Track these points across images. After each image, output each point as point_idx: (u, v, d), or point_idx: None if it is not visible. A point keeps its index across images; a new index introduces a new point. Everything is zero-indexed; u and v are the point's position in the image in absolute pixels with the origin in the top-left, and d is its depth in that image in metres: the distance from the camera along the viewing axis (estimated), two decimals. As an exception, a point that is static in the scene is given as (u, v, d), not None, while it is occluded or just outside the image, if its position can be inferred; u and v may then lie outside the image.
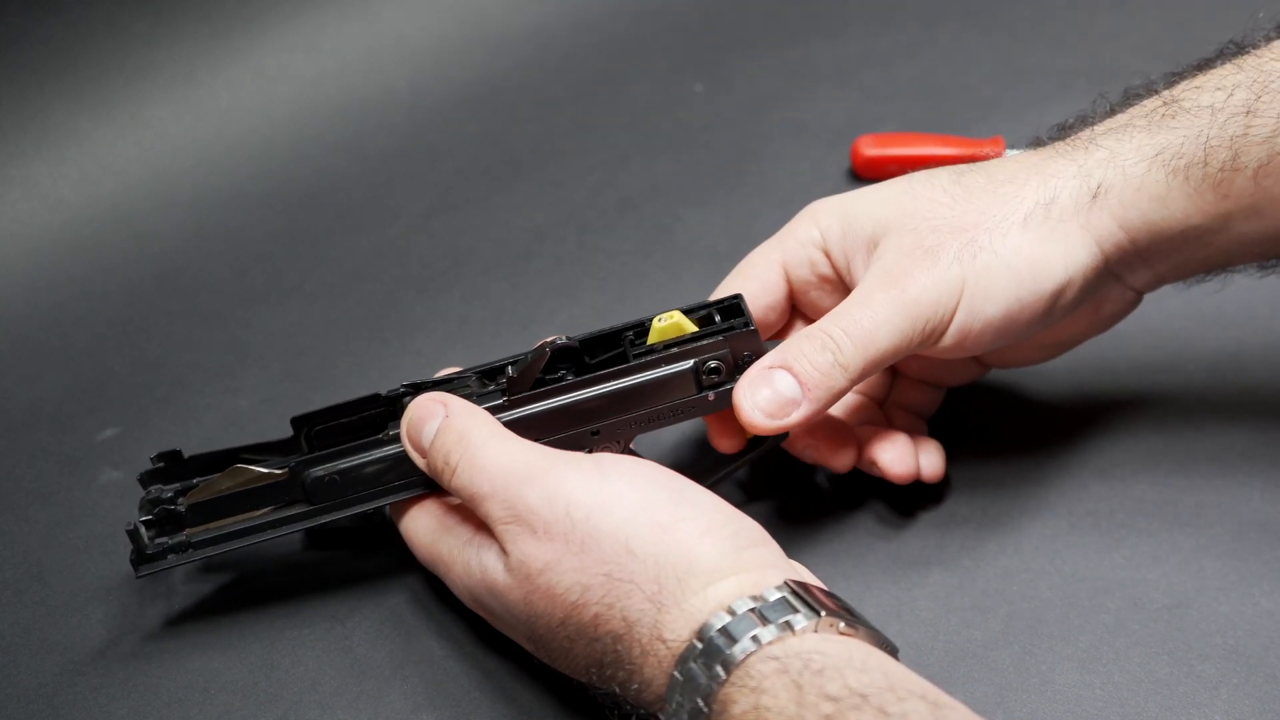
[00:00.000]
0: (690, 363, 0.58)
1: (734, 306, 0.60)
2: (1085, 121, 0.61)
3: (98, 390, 0.77)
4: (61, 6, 0.92)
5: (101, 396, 0.76)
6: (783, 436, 0.62)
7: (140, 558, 0.59)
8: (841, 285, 0.62)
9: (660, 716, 0.49)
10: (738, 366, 0.59)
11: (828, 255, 0.62)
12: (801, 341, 0.58)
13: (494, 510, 0.54)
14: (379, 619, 0.62)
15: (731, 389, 0.58)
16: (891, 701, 0.45)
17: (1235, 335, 0.71)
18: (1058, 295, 0.58)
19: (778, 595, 0.49)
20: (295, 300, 0.82)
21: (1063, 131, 0.62)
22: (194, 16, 0.96)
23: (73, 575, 0.66)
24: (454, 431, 0.56)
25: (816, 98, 0.93)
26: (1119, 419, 0.67)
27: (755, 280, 0.63)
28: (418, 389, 0.60)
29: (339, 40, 0.99)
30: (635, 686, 0.50)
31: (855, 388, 0.59)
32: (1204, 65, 0.60)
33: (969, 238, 0.58)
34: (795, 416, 0.57)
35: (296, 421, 0.62)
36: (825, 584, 0.53)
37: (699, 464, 0.63)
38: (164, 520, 0.60)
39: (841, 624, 0.49)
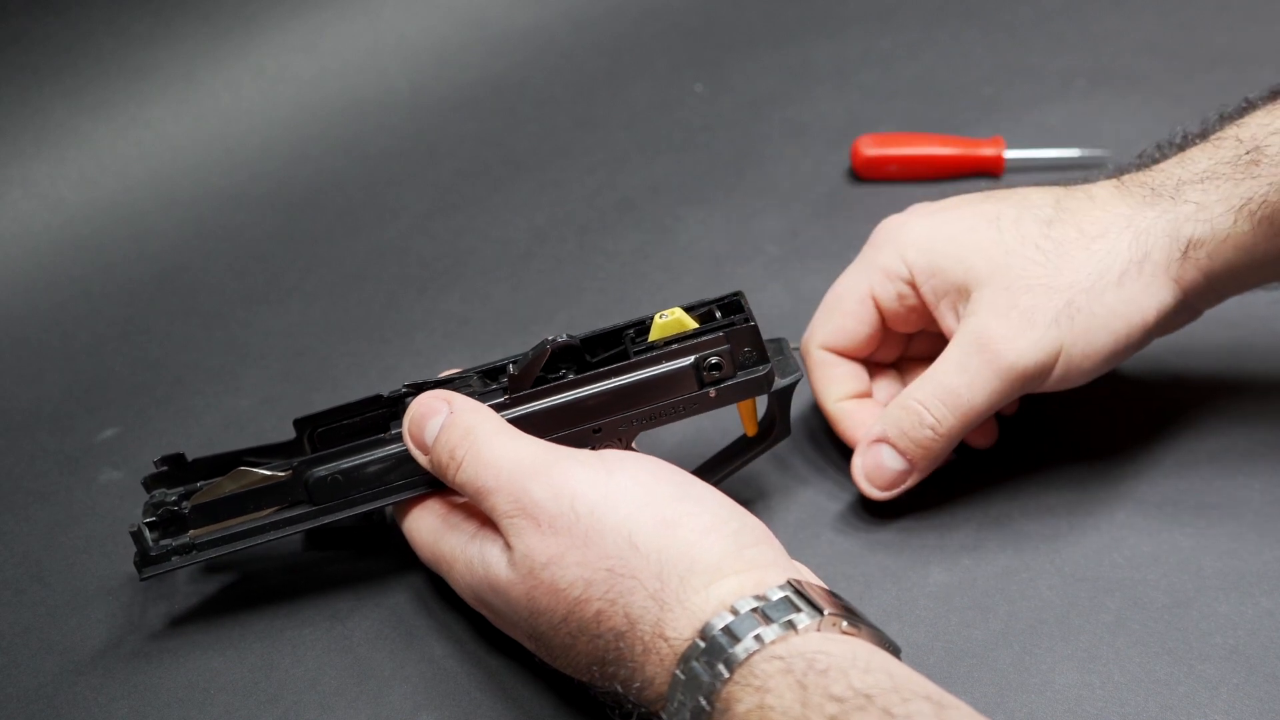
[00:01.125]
0: (691, 359, 0.58)
1: (735, 303, 0.60)
2: (1164, 152, 0.63)
3: (98, 390, 0.77)
4: (61, 6, 0.92)
5: (101, 396, 0.76)
6: (785, 434, 0.62)
7: (144, 560, 0.59)
8: (927, 313, 0.64)
9: (662, 715, 0.49)
10: (739, 363, 0.59)
11: (915, 289, 0.63)
12: (899, 414, 0.61)
13: (499, 504, 0.54)
14: (379, 619, 0.62)
15: (733, 385, 0.59)
16: (896, 702, 0.45)
17: (1235, 335, 0.71)
18: (1146, 338, 0.61)
19: (780, 595, 0.49)
20: (295, 300, 0.82)
21: (1142, 162, 0.63)
22: (194, 16, 0.96)
23: (73, 575, 0.66)
24: (459, 427, 0.56)
25: (816, 98, 0.93)
26: (1118, 419, 0.68)
27: (850, 316, 0.65)
28: (420, 389, 0.60)
29: (339, 40, 0.99)
30: (637, 685, 0.50)
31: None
32: (1277, 94, 0.61)
33: (1066, 299, 0.59)
34: (908, 484, 0.62)
35: (299, 423, 0.62)
36: (826, 584, 0.53)
37: (700, 463, 0.63)
38: (168, 522, 0.60)
39: (844, 623, 0.49)
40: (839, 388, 0.66)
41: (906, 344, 0.68)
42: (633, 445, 0.60)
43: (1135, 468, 0.65)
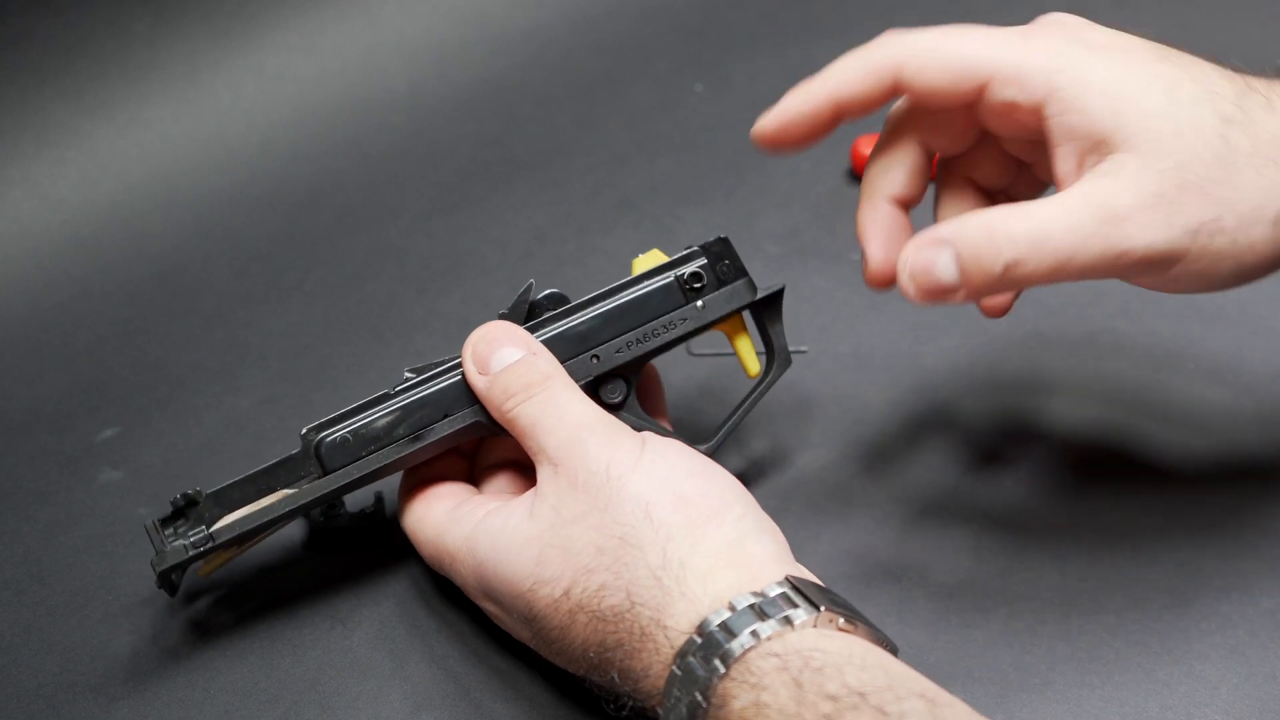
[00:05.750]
0: (672, 276, 0.61)
1: (719, 239, 0.62)
2: None
3: (98, 390, 0.77)
4: (61, 6, 0.92)
5: (101, 396, 0.76)
6: (787, 364, 0.63)
7: (173, 588, 0.59)
8: (1025, 142, 0.56)
9: (659, 710, 0.50)
10: (720, 277, 0.61)
11: (1039, 112, 0.53)
12: (980, 235, 0.51)
13: (551, 444, 0.55)
14: (379, 619, 0.62)
15: (718, 294, 0.61)
16: (890, 700, 0.45)
17: (1235, 335, 0.71)
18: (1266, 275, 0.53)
19: (778, 591, 0.49)
20: (295, 300, 0.82)
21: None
22: (194, 16, 0.96)
23: (73, 575, 0.66)
24: (539, 370, 0.57)
25: (816, 98, 0.93)
26: (1119, 419, 0.67)
27: (946, 70, 0.54)
28: (421, 373, 0.61)
29: (339, 40, 0.99)
30: (633, 673, 0.50)
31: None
32: None
33: (1215, 214, 0.50)
34: (947, 302, 0.52)
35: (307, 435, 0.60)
36: (825, 584, 0.53)
37: (702, 427, 0.64)
38: (180, 512, 0.59)
39: (841, 620, 0.49)
40: (890, 180, 0.58)
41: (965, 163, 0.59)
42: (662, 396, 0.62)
43: (1135, 467, 0.65)
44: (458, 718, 0.58)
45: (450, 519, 0.58)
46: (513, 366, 0.57)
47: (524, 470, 0.62)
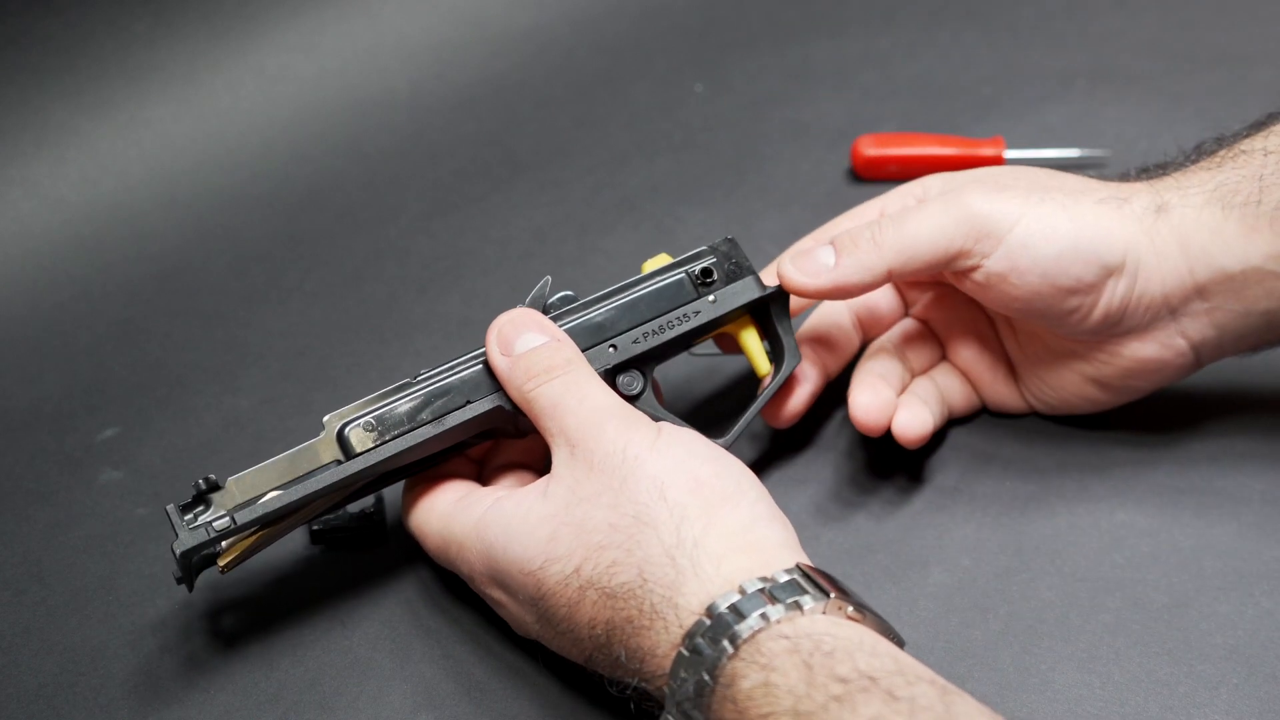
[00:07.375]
0: (684, 271, 0.63)
1: (727, 239, 0.64)
2: (1162, 167, 0.63)
3: (98, 390, 0.77)
4: (61, 6, 0.92)
5: (101, 396, 0.76)
6: (797, 359, 0.63)
7: (190, 573, 0.58)
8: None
9: (664, 689, 0.50)
10: (728, 274, 0.63)
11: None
12: (849, 225, 0.64)
13: (571, 425, 0.56)
14: (379, 619, 0.62)
15: (730, 289, 0.62)
16: (900, 685, 0.45)
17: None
18: (1108, 273, 0.59)
19: (788, 577, 0.50)
20: (295, 300, 0.82)
21: (1141, 173, 0.64)
22: (194, 16, 0.96)
23: (73, 575, 0.66)
24: (562, 355, 0.58)
25: (816, 98, 0.93)
26: (1118, 420, 0.67)
27: (854, 217, 0.67)
28: (435, 370, 0.61)
29: (339, 40, 0.99)
30: (640, 651, 0.51)
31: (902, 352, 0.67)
32: (1274, 117, 0.62)
33: (1044, 188, 0.61)
34: (824, 280, 0.61)
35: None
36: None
37: (702, 426, 0.64)
38: (201, 498, 0.58)
39: (850, 609, 0.49)
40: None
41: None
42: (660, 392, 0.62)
43: (1135, 468, 0.65)
44: (458, 717, 0.58)
45: (457, 508, 0.58)
46: (536, 349, 0.58)
47: (533, 471, 0.62)
